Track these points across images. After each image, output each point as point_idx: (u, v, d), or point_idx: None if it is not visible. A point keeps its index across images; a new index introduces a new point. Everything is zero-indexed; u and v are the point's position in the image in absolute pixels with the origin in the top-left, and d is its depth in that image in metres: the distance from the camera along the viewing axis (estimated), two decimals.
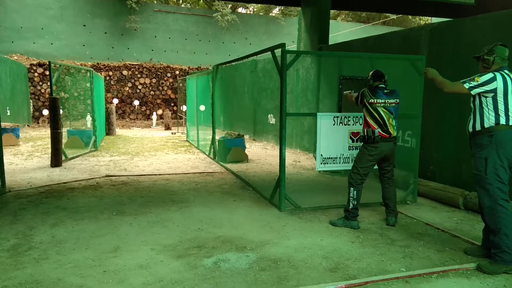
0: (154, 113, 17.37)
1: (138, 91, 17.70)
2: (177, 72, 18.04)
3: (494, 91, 3.24)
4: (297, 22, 11.05)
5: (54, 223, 4.26)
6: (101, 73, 16.18)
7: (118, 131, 14.30)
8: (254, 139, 11.91)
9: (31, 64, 16.17)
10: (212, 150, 8.68)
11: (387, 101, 4.14)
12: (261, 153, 9.50)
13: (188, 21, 21.12)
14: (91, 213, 4.63)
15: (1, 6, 17.75)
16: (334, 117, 4.85)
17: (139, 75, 17.66)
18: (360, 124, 4.87)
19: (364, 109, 4.22)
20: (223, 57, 19.21)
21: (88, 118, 12.42)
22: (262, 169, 7.50)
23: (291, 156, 8.84)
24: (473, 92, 3.30)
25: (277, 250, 3.61)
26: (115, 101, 16.66)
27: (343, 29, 22.51)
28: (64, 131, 9.21)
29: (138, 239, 3.86)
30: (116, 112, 16.36)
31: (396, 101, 4.19)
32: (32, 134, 13.00)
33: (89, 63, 17.50)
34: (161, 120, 17.27)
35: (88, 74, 10.33)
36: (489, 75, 3.27)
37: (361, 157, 4.24)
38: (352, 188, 4.21)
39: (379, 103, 4.11)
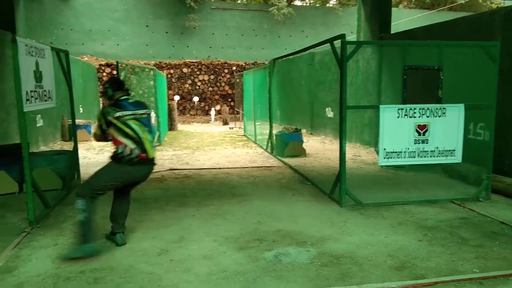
0: (213, 108, 17.81)
1: (197, 87, 18.25)
2: (234, 68, 18.32)
3: None
4: (355, 12, 10.70)
5: None
6: (163, 71, 16.88)
7: (180, 126, 14.85)
8: (311, 133, 11.77)
9: (100, 65, 17.30)
10: (269, 144, 8.72)
11: (137, 113, 3.42)
12: (319, 148, 9.37)
13: (245, 16, 21.32)
14: (157, 204, 4.86)
15: (72, 12, 19.14)
16: (399, 109, 4.64)
17: (198, 72, 18.19)
18: (428, 116, 4.61)
19: (112, 129, 3.37)
20: (279, 51, 19.17)
21: (152, 114, 13.05)
22: (320, 164, 7.40)
23: (351, 150, 8.61)
24: None
25: (339, 246, 3.54)
26: (177, 98, 17.31)
27: (405, 17, 21.41)
28: None
29: (201, 230, 3.98)
30: (177, 108, 16.99)
31: (146, 112, 3.54)
32: None
33: (152, 62, 18.33)
34: (219, 115, 17.67)
35: (152, 73, 10.83)
36: None
37: (106, 171, 3.43)
38: (82, 202, 3.27)
39: (127, 115, 3.36)
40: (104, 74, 17.20)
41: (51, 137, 10.01)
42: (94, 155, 8.63)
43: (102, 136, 3.52)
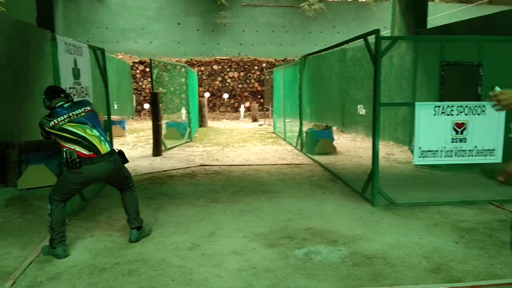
0: (242, 105, 17.88)
1: (227, 84, 18.38)
2: (264, 65, 18.31)
3: None
4: (389, 7, 10.42)
5: (157, 207, 4.63)
6: (194, 69, 17.11)
7: (209, 123, 15.02)
8: (342, 131, 11.60)
9: (133, 62, 17.74)
10: (299, 141, 8.66)
11: (72, 114, 3.31)
12: (350, 145, 9.22)
13: (275, 13, 21.24)
14: (188, 199, 4.94)
15: (107, 10, 19.70)
16: (435, 106, 4.48)
17: (228, 69, 18.31)
18: (466, 114, 4.44)
19: (55, 137, 3.34)
20: (309, 48, 18.98)
21: (183, 111, 13.26)
22: (351, 162, 7.28)
23: (383, 148, 8.42)
24: None
25: (371, 246, 3.47)
26: (207, 94, 17.50)
27: (442, 11, 20.66)
28: (163, 123, 9.94)
29: (231, 226, 4.01)
30: (207, 105, 17.19)
31: (85, 109, 3.41)
32: (135, 126, 14.30)
33: (183, 59, 18.61)
34: (249, 112, 17.72)
35: (183, 70, 10.99)
36: None
37: (63, 178, 3.39)
38: (49, 206, 3.33)
39: (62, 121, 3.27)
40: (138, 71, 17.62)
41: None
42: (128, 150, 8.87)
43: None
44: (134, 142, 10.05)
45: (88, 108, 3.47)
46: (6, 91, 5.64)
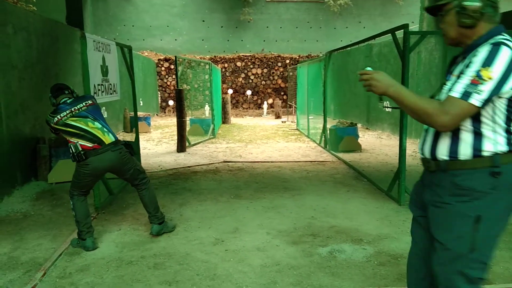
0: (265, 102, 17.86)
1: (250, 81, 18.39)
2: (287, 61, 18.21)
3: None
4: (417, 1, 10.15)
5: (181, 202, 4.69)
6: (217, 65, 17.20)
7: (233, 119, 15.07)
8: (367, 128, 11.42)
9: (158, 59, 17.99)
10: (323, 138, 8.58)
11: (73, 109, 3.41)
12: (376, 143, 9.06)
13: (299, 9, 21.06)
14: (212, 195, 4.98)
15: (134, 8, 20.04)
16: None
17: (251, 66, 18.31)
18: None
19: (61, 133, 3.47)
20: (334, 44, 18.74)
21: (206, 107, 13.37)
22: (377, 160, 7.15)
23: (410, 146, 8.23)
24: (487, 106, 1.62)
25: (397, 246, 3.41)
26: (230, 91, 17.56)
27: None
28: (187, 120, 10.05)
29: (254, 222, 4.02)
30: (231, 102, 17.27)
31: (86, 103, 3.49)
32: (160, 122, 14.52)
33: (207, 56, 18.74)
34: (272, 109, 17.68)
35: (207, 67, 11.07)
36: (505, 53, 1.54)
37: (75, 174, 3.45)
38: (71, 201, 3.47)
39: (64, 116, 3.38)
40: (163, 68, 17.87)
41: (114, 129, 10.60)
42: (153, 146, 9.02)
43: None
44: (159, 138, 10.21)
45: (90, 102, 3.55)
46: (38, 88, 5.83)
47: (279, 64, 18.32)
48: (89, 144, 3.35)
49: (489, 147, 1.59)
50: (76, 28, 7.71)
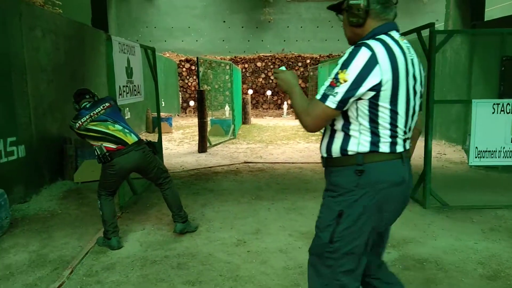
0: (285, 102, 17.81)
1: (270, 81, 18.37)
2: (308, 61, 18.11)
3: (376, 88, 1.57)
4: None
5: (203, 203, 4.73)
6: (238, 66, 17.26)
7: (253, 120, 15.10)
8: None
9: (180, 60, 18.20)
10: None
11: (93, 113, 3.47)
12: None
13: (321, 8, 20.90)
14: (233, 196, 4.99)
15: (156, 10, 20.33)
16: (494, 104, 4.21)
17: (272, 66, 18.29)
18: None
19: (85, 138, 3.54)
20: None
21: (227, 108, 13.43)
22: None
23: (435, 147, 8.03)
24: (345, 108, 1.63)
25: (423, 250, 3.34)
26: (250, 92, 17.60)
27: (500, 3, 19.38)
28: (208, 120, 10.12)
29: (276, 224, 4.01)
30: (251, 102, 17.30)
31: (104, 106, 3.53)
32: (181, 122, 14.68)
33: (227, 56, 18.83)
34: (292, 109, 17.60)
35: (227, 67, 11.12)
36: (363, 55, 1.55)
37: (102, 175, 3.53)
38: (98, 201, 3.54)
39: (85, 121, 3.44)
40: (184, 69, 18.06)
41: (137, 129, 10.79)
42: (175, 146, 9.13)
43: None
44: (180, 139, 10.32)
45: (107, 104, 3.59)
46: (65, 89, 5.99)
47: (300, 64, 18.24)
48: (113, 146, 3.41)
49: (353, 147, 1.65)
50: (101, 30, 7.88)
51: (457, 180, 5.64)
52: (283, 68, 1.87)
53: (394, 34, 1.65)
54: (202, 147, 8.28)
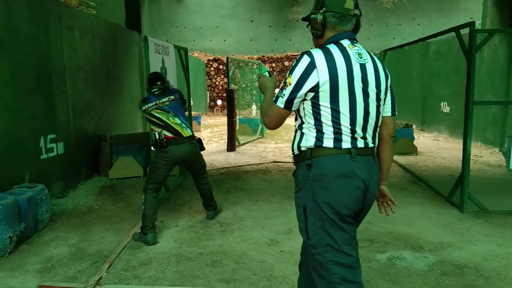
0: None
1: None
2: None
3: (315, 89, 1.74)
4: None
5: (234, 201, 4.76)
6: (265, 65, 17.26)
7: None
8: (422, 130, 10.95)
9: (208, 60, 18.37)
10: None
11: (158, 102, 3.73)
12: (432, 145, 8.66)
13: None
14: (264, 195, 5.00)
15: (185, 10, 20.61)
16: None
17: None
18: None
19: (147, 121, 3.89)
20: (385, 41, 18.16)
21: (253, 107, 13.45)
22: (434, 163, 6.84)
23: (471, 149, 7.79)
24: (293, 108, 1.83)
25: (461, 255, 3.24)
26: (277, 91, 17.54)
27: None
28: (236, 119, 10.17)
29: None
30: None
31: (169, 98, 3.78)
32: (209, 121, 14.83)
33: (255, 56, 18.86)
34: None
35: (255, 66, 11.14)
36: (303, 61, 1.76)
37: (153, 163, 3.78)
38: (143, 196, 3.67)
39: (150, 107, 3.72)
40: (212, 68, 18.23)
41: None
42: (204, 145, 9.21)
43: None
44: (209, 137, 10.42)
45: (172, 97, 3.81)
46: (101, 89, 6.17)
47: None
48: (170, 135, 3.69)
49: (304, 143, 1.80)
50: (135, 31, 8.05)
51: (495, 184, 5.44)
52: (266, 73, 2.11)
53: (344, 42, 1.81)
54: (231, 146, 8.33)
